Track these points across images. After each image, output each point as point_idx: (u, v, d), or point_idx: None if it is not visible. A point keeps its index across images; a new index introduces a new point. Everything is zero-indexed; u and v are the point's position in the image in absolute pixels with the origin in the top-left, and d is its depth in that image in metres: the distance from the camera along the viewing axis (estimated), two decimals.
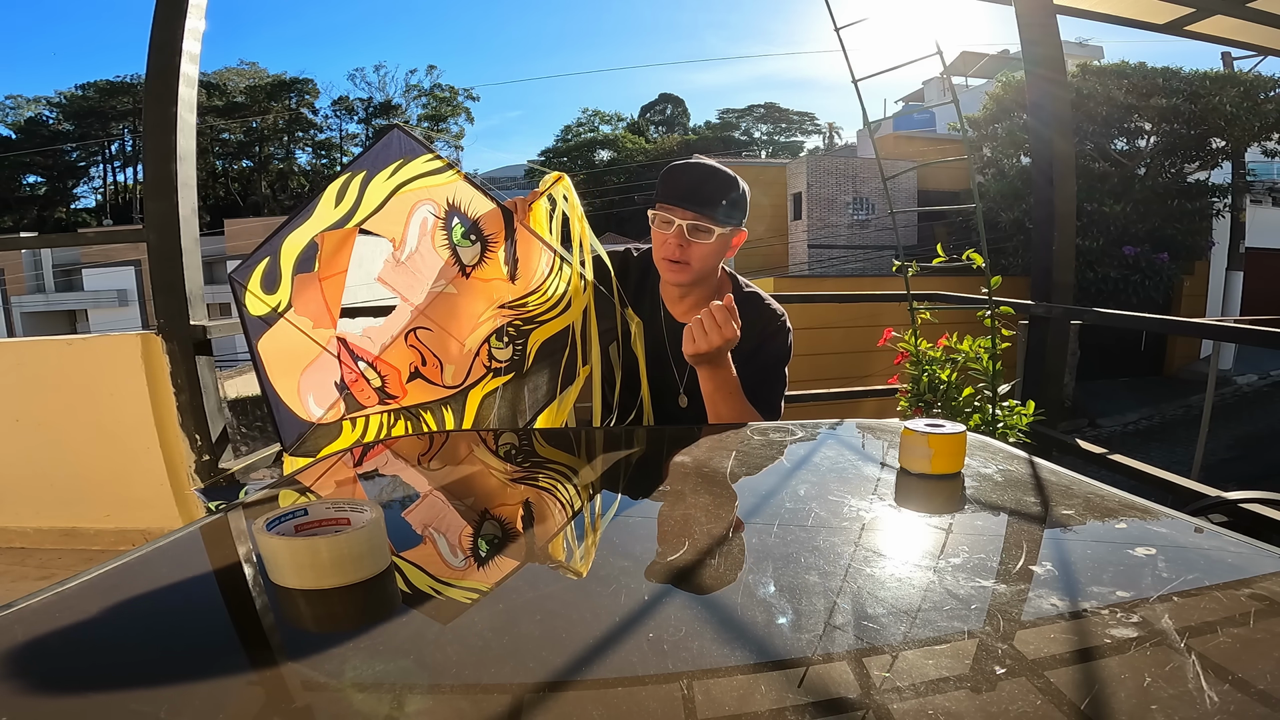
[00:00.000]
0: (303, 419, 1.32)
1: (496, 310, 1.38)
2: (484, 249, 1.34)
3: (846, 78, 2.03)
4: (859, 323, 6.21)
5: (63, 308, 20.36)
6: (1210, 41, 3.10)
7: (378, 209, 1.28)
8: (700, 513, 0.72)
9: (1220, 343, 6.52)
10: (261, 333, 1.27)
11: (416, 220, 1.32)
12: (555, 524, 0.75)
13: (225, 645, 0.50)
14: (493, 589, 0.58)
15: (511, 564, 0.64)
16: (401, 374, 1.39)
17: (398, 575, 0.58)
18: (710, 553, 0.62)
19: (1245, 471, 7.45)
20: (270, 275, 1.25)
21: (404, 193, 1.29)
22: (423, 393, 1.41)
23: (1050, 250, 2.70)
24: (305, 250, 1.26)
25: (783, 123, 46.92)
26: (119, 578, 0.59)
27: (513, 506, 0.82)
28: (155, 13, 2.12)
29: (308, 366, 1.32)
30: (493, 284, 1.36)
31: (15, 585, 2.20)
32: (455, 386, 1.42)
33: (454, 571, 0.63)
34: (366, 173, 1.26)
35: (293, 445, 1.32)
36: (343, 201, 1.26)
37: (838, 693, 0.41)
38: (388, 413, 1.40)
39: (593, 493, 0.86)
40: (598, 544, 0.68)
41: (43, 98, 32.22)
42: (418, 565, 0.63)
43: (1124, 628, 0.48)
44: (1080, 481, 0.80)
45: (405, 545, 0.67)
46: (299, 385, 1.32)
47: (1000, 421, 2.12)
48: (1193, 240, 10.79)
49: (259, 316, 1.26)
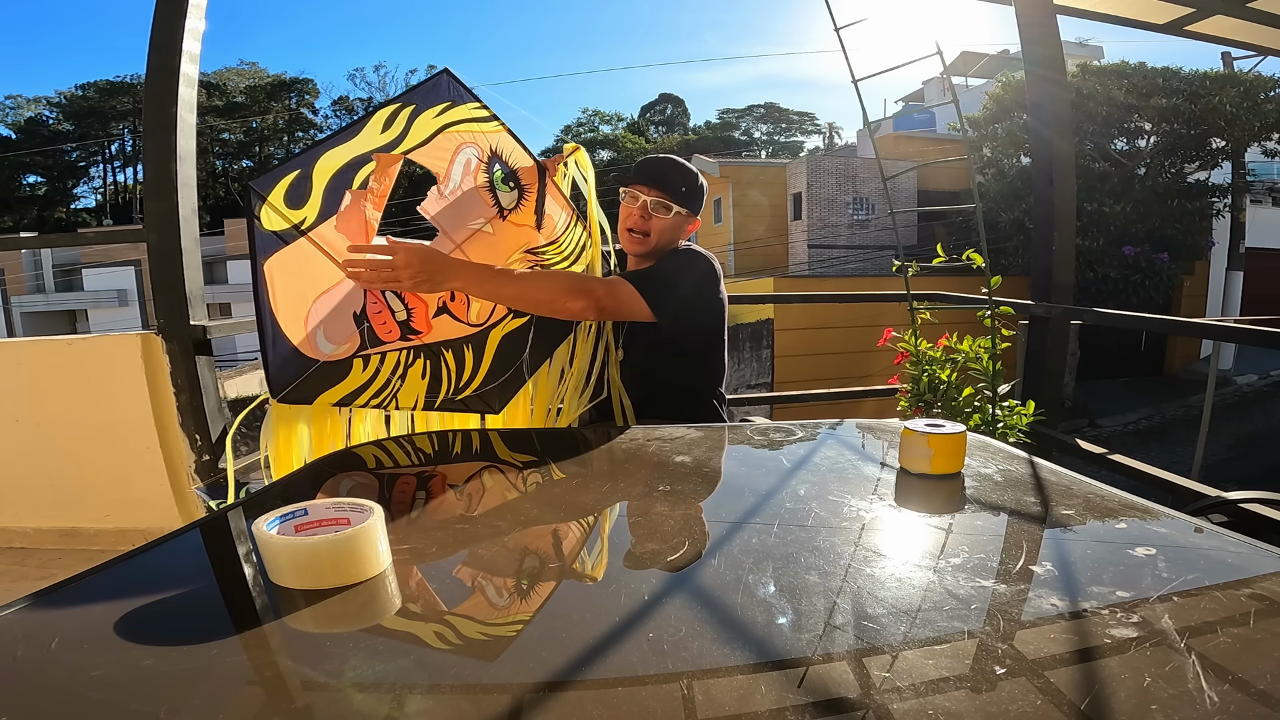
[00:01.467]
0: (305, 356, 1.24)
1: (523, 254, 1.42)
2: (520, 196, 1.38)
3: (846, 78, 2.02)
4: (859, 323, 6.22)
5: (63, 308, 20.36)
6: (1210, 41, 3.10)
7: (424, 142, 1.29)
8: (700, 513, 0.72)
9: (1220, 343, 6.51)
10: (273, 250, 1.19)
11: (461, 159, 1.33)
12: (555, 524, 0.75)
13: (225, 645, 0.50)
14: (493, 589, 0.58)
15: (511, 564, 0.64)
16: (429, 308, 1.36)
17: (398, 575, 0.58)
18: (710, 553, 0.62)
19: (1245, 471, 7.45)
20: (297, 189, 1.18)
21: (451, 131, 1.31)
22: (447, 329, 1.39)
23: (1050, 250, 2.70)
24: (343, 169, 1.21)
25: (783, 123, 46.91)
26: (119, 578, 0.59)
27: (512, 506, 0.82)
28: (155, 13, 2.12)
29: (324, 293, 1.25)
30: (523, 229, 1.40)
31: (15, 585, 2.20)
32: (479, 325, 1.41)
33: (453, 571, 0.63)
34: (416, 106, 1.27)
35: (290, 388, 1.23)
36: (390, 128, 1.25)
37: (838, 693, 0.41)
38: (407, 350, 1.35)
39: (592, 493, 0.86)
40: (597, 544, 0.68)
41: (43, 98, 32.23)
42: (417, 565, 0.63)
43: (1124, 628, 0.48)
44: (1080, 481, 0.80)
45: (405, 545, 0.67)
46: (308, 315, 1.23)
47: (1000, 421, 2.12)
48: (1193, 240, 10.78)
49: (274, 232, 1.18)
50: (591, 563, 0.64)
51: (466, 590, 0.59)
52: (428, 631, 0.51)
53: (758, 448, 0.99)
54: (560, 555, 0.67)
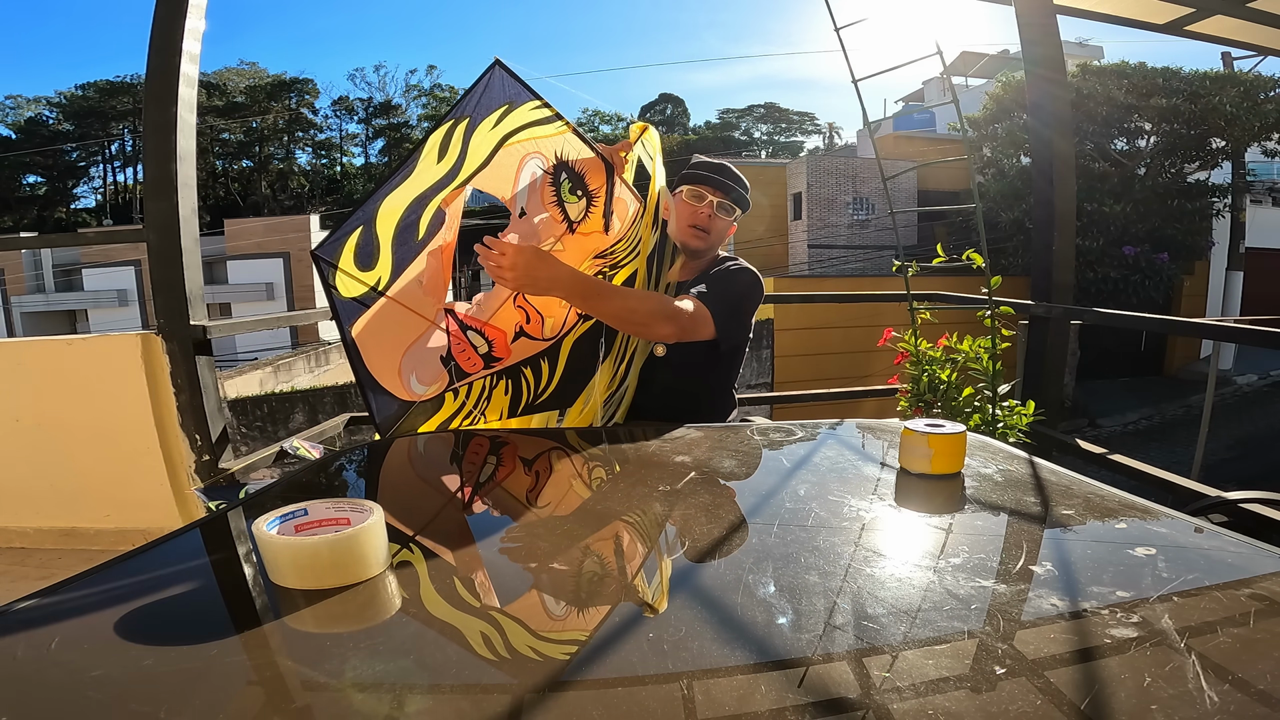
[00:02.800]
0: (402, 399, 1.27)
1: (592, 260, 1.39)
2: (588, 204, 1.33)
3: (846, 78, 2.02)
4: (859, 323, 6.21)
5: (63, 308, 20.35)
6: (1210, 41, 3.10)
7: (485, 163, 1.21)
8: (700, 513, 0.72)
9: (1220, 343, 6.51)
10: (357, 316, 1.18)
11: (526, 175, 1.27)
12: (554, 524, 0.75)
13: (225, 645, 0.50)
14: (492, 589, 0.58)
15: (511, 564, 0.64)
16: (508, 335, 1.36)
17: (398, 575, 0.58)
18: (710, 553, 0.62)
19: (1245, 471, 7.45)
20: (365, 248, 1.15)
21: (512, 144, 1.23)
22: (524, 350, 1.39)
23: (1050, 250, 2.70)
24: (407, 213, 1.17)
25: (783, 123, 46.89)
26: (119, 578, 0.59)
27: (511, 506, 0.82)
28: (155, 13, 2.12)
29: (411, 345, 1.26)
30: (593, 236, 1.37)
31: (15, 585, 2.20)
32: (552, 338, 1.41)
33: (454, 571, 0.63)
34: (470, 120, 1.18)
35: (391, 427, 1.28)
36: (446, 155, 1.18)
37: (838, 693, 0.41)
38: (490, 375, 1.37)
39: (593, 492, 0.86)
40: (597, 543, 0.68)
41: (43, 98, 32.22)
42: (418, 565, 0.63)
43: (1124, 628, 0.48)
44: (1080, 481, 0.80)
45: (405, 545, 0.67)
46: (400, 366, 1.25)
47: (1000, 421, 2.12)
48: (1193, 240, 10.78)
49: (354, 299, 1.16)
50: (591, 563, 0.64)
51: (466, 590, 0.59)
52: (428, 631, 0.51)
53: (758, 448, 0.99)
54: (560, 555, 0.66)
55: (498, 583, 0.60)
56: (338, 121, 37.35)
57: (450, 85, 38.53)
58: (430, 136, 1.18)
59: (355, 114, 37.52)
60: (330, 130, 37.41)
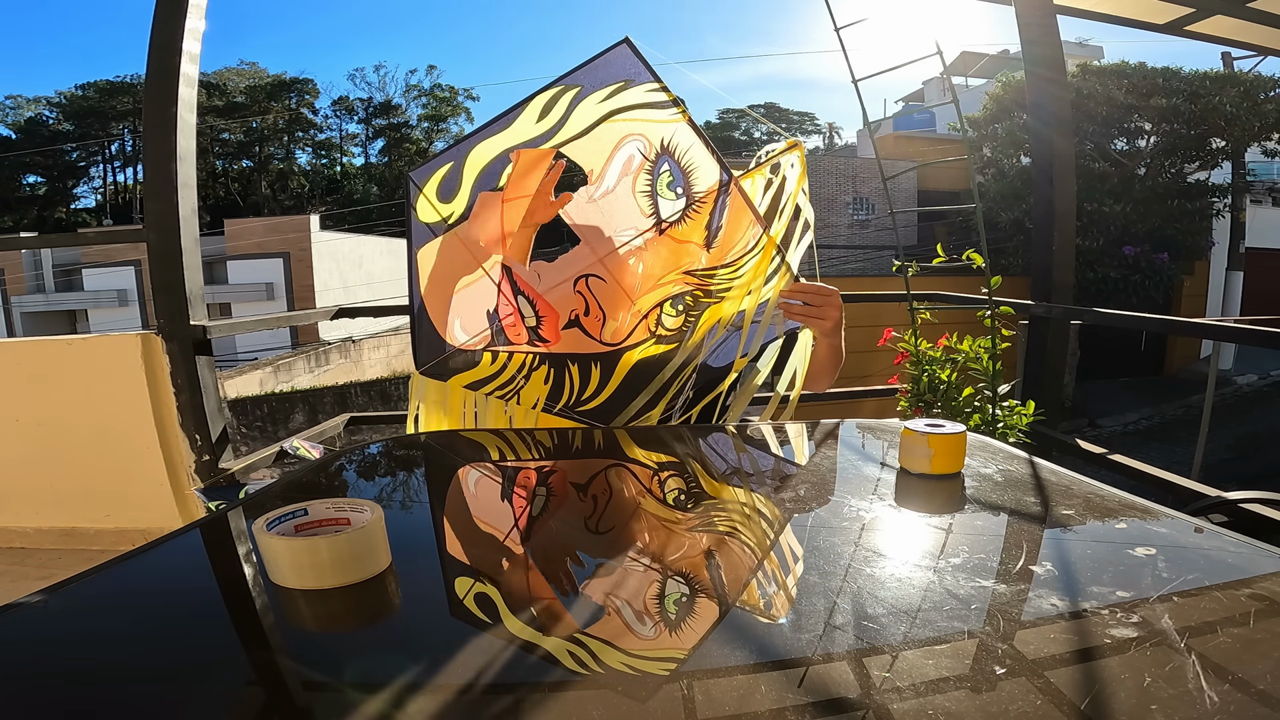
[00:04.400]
0: (445, 340, 1.28)
1: (682, 275, 1.26)
2: (688, 206, 1.22)
3: (846, 78, 2.03)
4: (859, 323, 6.18)
5: (63, 308, 20.35)
6: (1210, 41, 3.10)
7: (583, 133, 1.16)
8: (701, 513, 0.72)
9: (1220, 343, 6.51)
10: (425, 241, 1.22)
11: (622, 156, 1.19)
12: (554, 524, 0.75)
13: (225, 645, 0.50)
14: (492, 589, 0.58)
15: (511, 564, 0.64)
16: (560, 319, 1.28)
17: (398, 575, 0.58)
18: (710, 553, 0.62)
19: (1245, 471, 7.45)
20: (449, 183, 1.18)
21: (615, 121, 1.16)
22: (575, 343, 1.30)
23: (1050, 250, 2.70)
24: (494, 163, 1.17)
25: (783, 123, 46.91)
26: (119, 578, 0.59)
27: (512, 506, 0.82)
28: (155, 13, 2.12)
29: (465, 287, 1.26)
30: (686, 246, 1.24)
31: (15, 585, 2.20)
32: (612, 345, 1.30)
33: (454, 571, 0.63)
34: (581, 89, 1.13)
35: (429, 365, 1.29)
36: (547, 116, 1.14)
37: (838, 693, 0.41)
38: (533, 354, 1.32)
39: (593, 492, 0.86)
40: (597, 543, 0.68)
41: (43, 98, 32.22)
42: (418, 565, 0.63)
43: (1124, 628, 0.48)
44: (1080, 481, 0.80)
45: (405, 545, 0.67)
46: (450, 304, 1.26)
47: (1000, 421, 2.12)
48: (1193, 240, 10.79)
49: (427, 223, 1.21)
50: (591, 563, 0.64)
51: (466, 590, 0.59)
52: (428, 631, 0.51)
53: (758, 448, 0.99)
54: (560, 555, 0.66)
55: (498, 583, 0.60)
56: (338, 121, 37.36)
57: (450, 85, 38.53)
58: (536, 96, 1.14)
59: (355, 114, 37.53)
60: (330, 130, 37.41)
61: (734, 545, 0.65)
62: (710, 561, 0.61)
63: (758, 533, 0.68)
